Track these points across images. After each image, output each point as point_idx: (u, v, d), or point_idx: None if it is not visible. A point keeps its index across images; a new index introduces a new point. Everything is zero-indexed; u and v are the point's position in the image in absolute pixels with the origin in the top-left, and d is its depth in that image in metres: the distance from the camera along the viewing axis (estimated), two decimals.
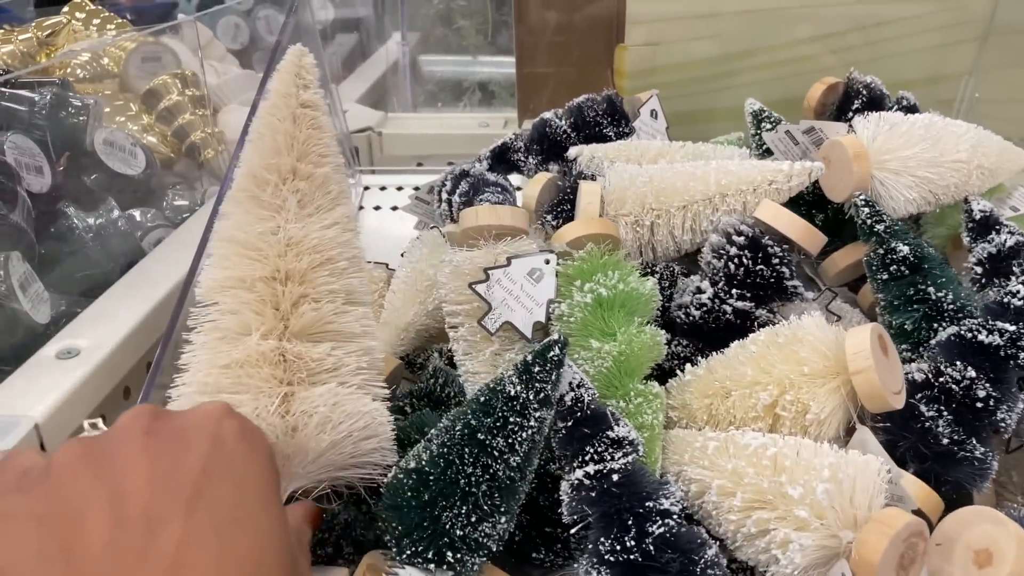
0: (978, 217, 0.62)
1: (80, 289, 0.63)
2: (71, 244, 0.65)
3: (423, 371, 0.62)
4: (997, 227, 0.61)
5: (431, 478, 0.45)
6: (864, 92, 0.75)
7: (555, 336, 0.48)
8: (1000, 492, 0.54)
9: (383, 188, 0.92)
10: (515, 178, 0.79)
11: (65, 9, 1.05)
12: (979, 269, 0.59)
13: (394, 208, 0.89)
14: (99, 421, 0.46)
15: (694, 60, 0.89)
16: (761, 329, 0.52)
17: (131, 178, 0.77)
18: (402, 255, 0.72)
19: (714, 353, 0.54)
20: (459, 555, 0.45)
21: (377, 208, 0.90)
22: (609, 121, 0.76)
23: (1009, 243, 0.59)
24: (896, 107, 0.74)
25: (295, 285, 0.46)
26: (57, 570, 0.28)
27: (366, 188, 0.92)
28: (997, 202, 0.67)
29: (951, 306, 0.55)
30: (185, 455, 0.33)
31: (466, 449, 0.45)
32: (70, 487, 0.31)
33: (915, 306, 0.56)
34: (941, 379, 0.49)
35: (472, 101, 1.10)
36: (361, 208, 0.89)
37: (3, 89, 0.70)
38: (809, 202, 0.67)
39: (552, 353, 0.46)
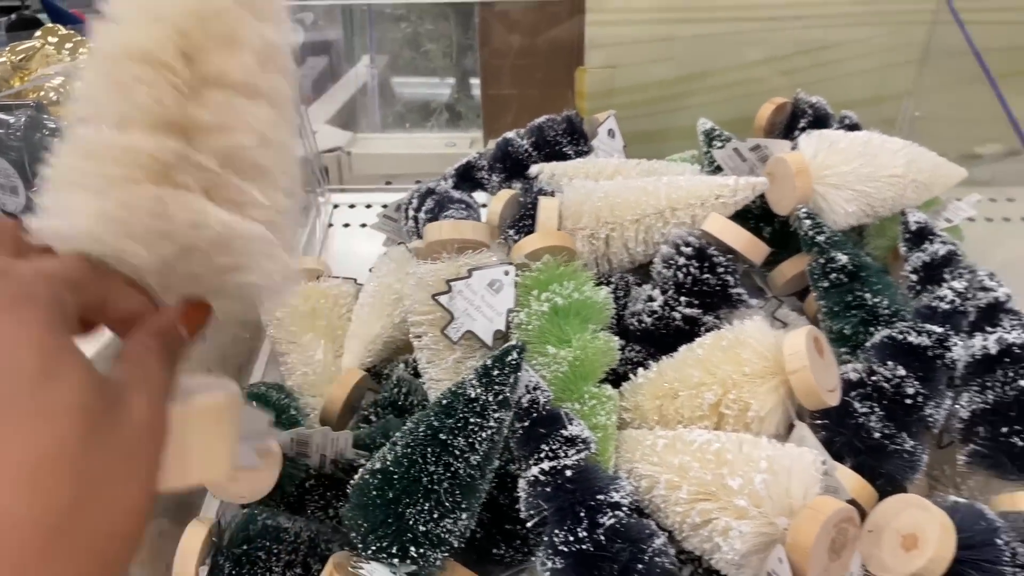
0: (913, 228, 0.66)
1: None
2: None
3: (387, 381, 0.65)
4: (931, 237, 0.65)
5: (395, 477, 0.48)
6: (810, 111, 0.79)
7: (513, 342, 0.51)
8: (933, 485, 0.57)
9: (352, 206, 0.95)
10: (481, 196, 0.82)
11: (38, 33, 1.06)
12: (914, 277, 0.63)
13: (363, 225, 0.92)
14: None
15: (651, 82, 0.93)
16: (708, 333, 0.55)
17: None
18: (370, 270, 0.75)
19: (664, 357, 0.57)
20: (422, 550, 0.47)
21: (346, 225, 0.92)
22: (568, 140, 0.79)
23: (941, 252, 0.63)
24: (839, 125, 0.78)
25: None
26: None
27: (335, 206, 0.95)
28: (933, 214, 0.71)
29: (886, 311, 0.59)
30: None
31: (428, 449, 0.48)
32: None
33: (853, 312, 0.60)
34: (874, 378, 0.53)
35: (440, 122, 1.13)
36: (331, 225, 0.92)
37: None
38: (757, 216, 0.71)
39: (510, 358, 0.49)
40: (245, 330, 0.77)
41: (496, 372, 0.49)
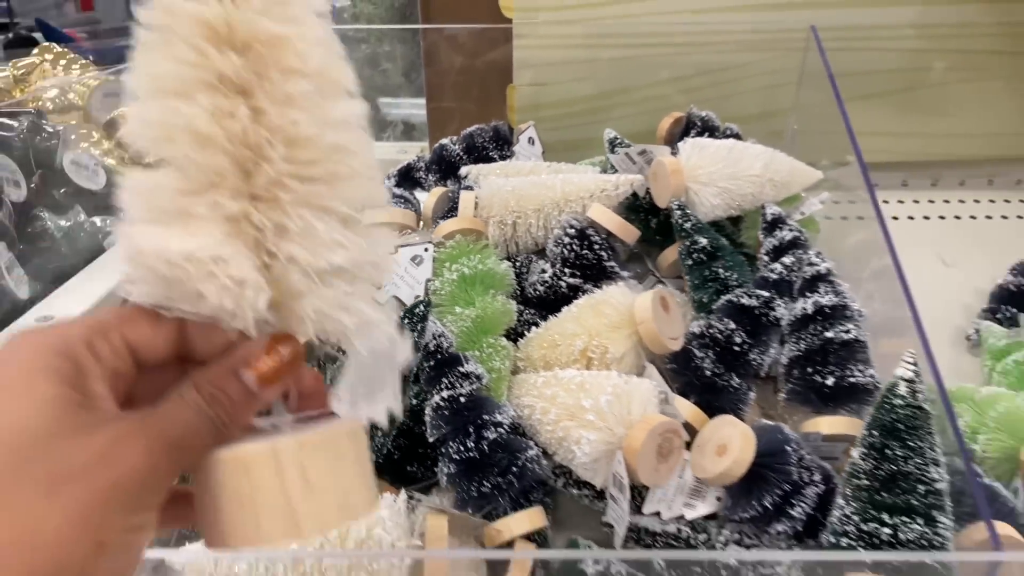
0: (769, 219, 0.79)
1: (53, 278, 0.77)
2: (45, 241, 0.79)
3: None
4: (781, 225, 0.78)
5: None
6: (699, 123, 0.93)
7: (422, 299, 0.64)
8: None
9: None
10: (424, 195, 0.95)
11: (35, 51, 1.19)
12: (766, 257, 0.77)
13: None
14: None
15: (574, 98, 1.06)
16: (582, 296, 0.69)
17: (95, 192, 0.91)
18: None
19: (552, 317, 0.70)
20: None
21: None
22: (494, 146, 0.93)
23: (788, 238, 0.76)
24: (724, 135, 0.92)
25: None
26: None
27: None
28: (793, 209, 0.85)
29: (735, 283, 0.72)
30: None
31: None
32: None
33: (710, 284, 0.73)
34: (711, 330, 0.66)
35: (395, 133, 1.26)
36: None
37: None
38: (647, 209, 0.84)
39: (418, 310, 0.62)
40: None
41: (406, 321, 0.62)
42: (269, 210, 0.33)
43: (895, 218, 1.06)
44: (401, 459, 0.66)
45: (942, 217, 1.04)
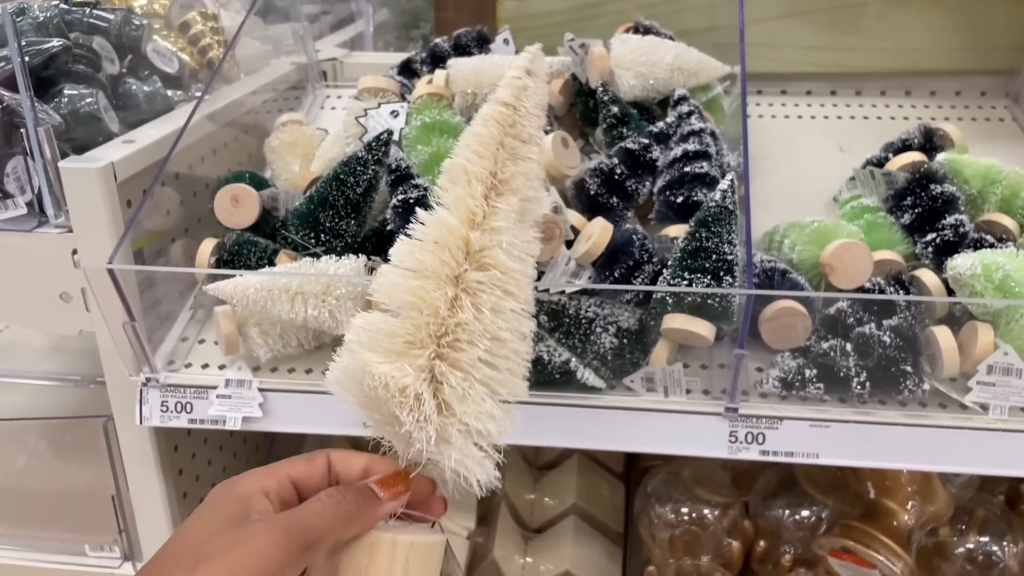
0: (675, 98, 1.01)
1: (135, 124, 1.04)
2: (132, 101, 1.07)
3: None
4: (682, 102, 1.00)
5: (314, 199, 0.86)
6: (643, 30, 1.14)
7: (387, 129, 0.89)
8: None
9: (339, 97, 1.34)
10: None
11: None
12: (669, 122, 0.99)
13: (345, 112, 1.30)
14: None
15: (555, 10, 1.29)
16: None
17: (170, 74, 1.19)
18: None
19: None
20: (327, 238, 0.86)
21: (332, 108, 1.31)
22: (476, 45, 1.16)
23: (684, 109, 0.98)
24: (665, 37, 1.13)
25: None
26: None
27: (327, 96, 1.34)
28: (702, 93, 1.06)
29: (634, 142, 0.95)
30: None
31: (333, 183, 0.86)
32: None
33: (616, 141, 0.96)
34: (602, 165, 0.89)
35: (416, 46, 1.51)
36: (321, 108, 1.31)
37: (93, 11, 1.12)
38: (586, 92, 1.06)
39: (383, 136, 0.87)
40: None
41: (374, 143, 0.87)
42: (457, 378, 0.50)
43: (825, 117, 1.25)
44: (372, 251, 0.92)
45: (852, 118, 1.23)
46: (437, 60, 1.17)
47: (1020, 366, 0.74)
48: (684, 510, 1.00)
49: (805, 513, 0.99)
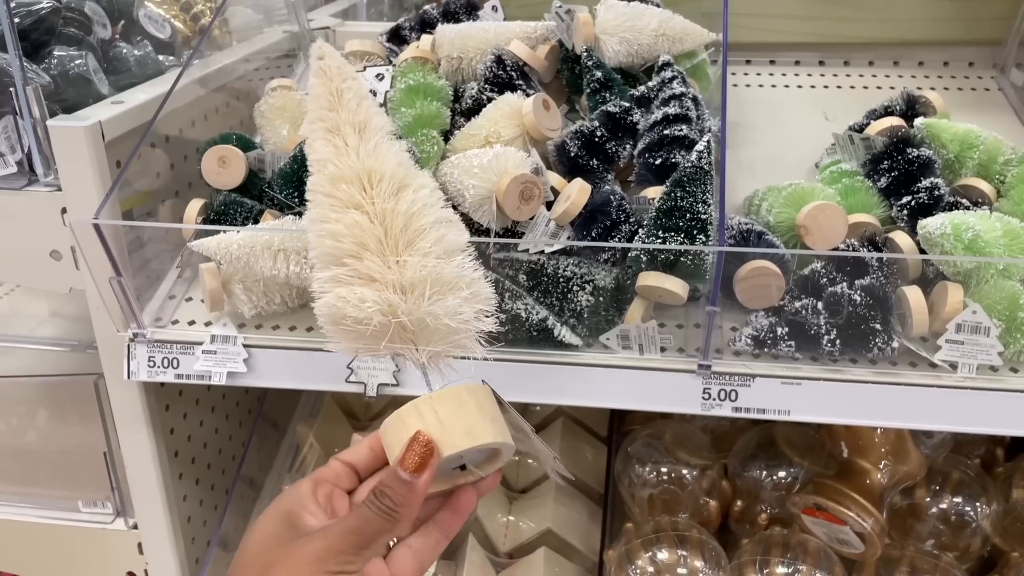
0: (659, 64, 1.02)
1: (125, 86, 1.06)
2: (123, 65, 1.08)
3: None
4: (667, 67, 1.01)
5: (298, 159, 0.88)
6: None
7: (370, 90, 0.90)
8: None
9: None
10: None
11: None
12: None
13: None
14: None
15: None
16: None
17: (162, 40, 1.20)
18: None
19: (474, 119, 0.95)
20: None
21: None
22: (465, 11, 1.17)
23: (667, 75, 0.99)
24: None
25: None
26: None
27: None
28: (687, 60, 1.07)
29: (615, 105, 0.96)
30: None
31: (318, 144, 0.87)
32: None
33: (599, 106, 0.97)
34: (583, 128, 0.90)
35: (409, 16, 1.51)
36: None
37: None
38: (572, 58, 1.07)
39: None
40: None
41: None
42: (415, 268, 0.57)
43: (813, 87, 1.26)
44: None
45: (840, 87, 1.24)
46: (426, 26, 1.17)
47: (988, 324, 0.75)
48: (664, 470, 1.02)
49: (782, 474, 1.00)
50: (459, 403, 0.54)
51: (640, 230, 0.81)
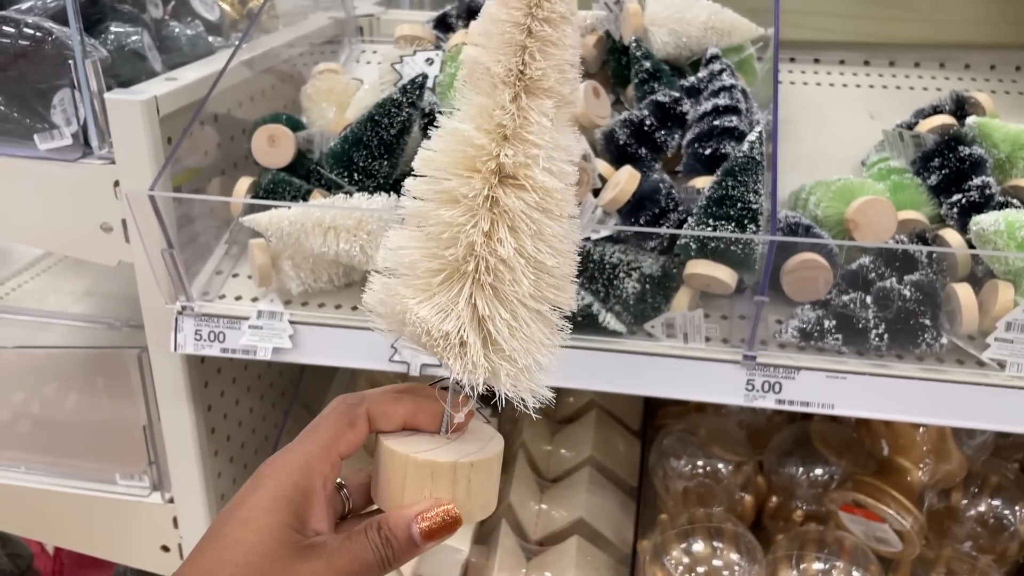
0: (708, 56, 1.02)
1: (176, 64, 1.07)
2: (174, 44, 1.09)
3: None
4: (714, 60, 1.01)
5: (349, 139, 0.88)
6: None
7: (421, 74, 0.90)
8: None
9: (375, 52, 1.36)
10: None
11: None
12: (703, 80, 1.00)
13: (380, 63, 1.32)
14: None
15: None
16: None
17: (211, 21, 1.21)
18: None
19: None
20: (359, 177, 0.88)
21: (368, 63, 1.33)
22: None
23: (716, 67, 0.99)
24: None
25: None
26: None
27: (364, 52, 1.36)
28: (735, 54, 1.06)
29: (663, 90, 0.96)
30: None
31: (368, 124, 0.88)
32: None
33: (647, 96, 0.97)
34: (632, 116, 0.90)
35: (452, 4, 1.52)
36: (358, 63, 1.33)
37: None
38: (619, 49, 1.07)
39: (418, 80, 0.89)
40: None
41: (409, 86, 0.89)
42: (503, 317, 0.46)
43: (858, 86, 1.25)
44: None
45: (885, 87, 1.23)
46: (472, 14, 1.18)
47: None
48: (699, 463, 1.01)
49: (818, 471, 1.00)
50: (489, 473, 0.50)
51: (688, 219, 0.81)
